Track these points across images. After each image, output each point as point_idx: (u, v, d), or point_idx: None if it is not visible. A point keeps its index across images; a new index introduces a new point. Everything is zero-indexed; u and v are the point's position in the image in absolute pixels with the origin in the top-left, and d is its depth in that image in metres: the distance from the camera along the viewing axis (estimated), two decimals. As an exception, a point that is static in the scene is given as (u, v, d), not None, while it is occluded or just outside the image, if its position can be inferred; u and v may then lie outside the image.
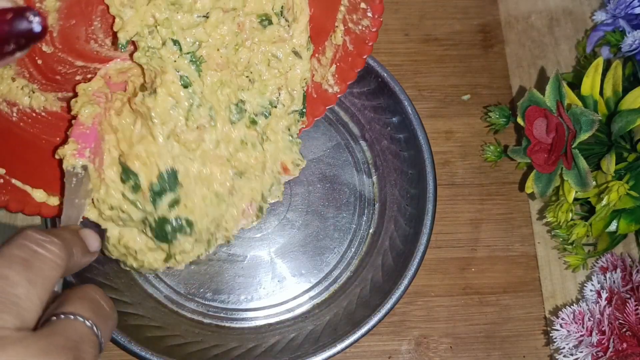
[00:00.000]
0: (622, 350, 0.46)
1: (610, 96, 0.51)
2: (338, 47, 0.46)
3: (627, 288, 0.49)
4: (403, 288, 0.46)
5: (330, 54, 0.46)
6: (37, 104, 0.42)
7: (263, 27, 0.44)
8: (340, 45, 0.45)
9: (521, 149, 0.53)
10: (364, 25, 0.43)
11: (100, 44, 0.42)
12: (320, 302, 0.52)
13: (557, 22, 0.63)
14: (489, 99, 0.60)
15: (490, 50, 0.62)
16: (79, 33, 0.41)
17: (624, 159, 0.49)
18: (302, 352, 0.46)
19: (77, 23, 0.40)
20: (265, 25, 0.44)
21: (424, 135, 0.50)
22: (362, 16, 0.43)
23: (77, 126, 0.42)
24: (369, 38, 0.43)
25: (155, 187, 0.42)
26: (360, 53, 0.44)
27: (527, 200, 0.58)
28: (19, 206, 0.41)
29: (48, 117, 0.43)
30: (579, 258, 0.53)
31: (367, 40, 0.44)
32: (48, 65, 0.41)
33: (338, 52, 0.46)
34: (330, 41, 0.46)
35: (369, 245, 0.53)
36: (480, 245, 0.56)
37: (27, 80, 0.40)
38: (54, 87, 0.42)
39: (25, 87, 0.40)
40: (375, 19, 0.42)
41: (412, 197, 0.51)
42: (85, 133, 0.41)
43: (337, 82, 0.47)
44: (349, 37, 0.45)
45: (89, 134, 0.41)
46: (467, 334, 0.54)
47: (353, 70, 0.46)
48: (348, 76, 0.46)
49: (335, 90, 0.47)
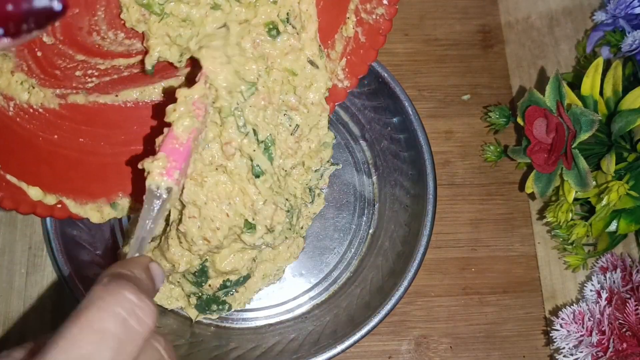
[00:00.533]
0: (622, 350, 0.46)
1: (610, 96, 0.51)
2: (349, 40, 0.44)
3: (627, 288, 0.49)
4: (403, 288, 0.46)
5: (341, 47, 0.44)
6: (35, 100, 0.40)
7: (273, 39, 0.43)
8: (352, 38, 0.43)
9: (521, 149, 0.53)
10: (379, 14, 0.41)
11: (102, 37, 0.41)
12: (320, 302, 0.52)
13: (557, 22, 0.63)
14: (489, 99, 0.60)
15: (490, 50, 0.62)
16: (82, 23, 0.39)
17: (624, 159, 0.49)
18: (302, 352, 0.46)
19: (81, 12, 0.39)
20: (274, 35, 0.42)
21: (424, 135, 0.50)
22: (377, 4, 0.41)
23: (170, 139, 0.36)
24: (383, 28, 0.41)
25: (226, 284, 0.47)
26: (374, 45, 0.43)
27: (527, 200, 0.58)
28: (13, 204, 0.39)
29: (46, 114, 0.41)
30: (579, 258, 0.53)
31: (380, 31, 0.42)
32: (48, 58, 0.40)
33: (349, 44, 0.44)
34: (340, 34, 0.44)
35: (368, 246, 0.53)
36: (480, 245, 0.56)
37: (25, 75, 0.39)
38: (53, 82, 0.41)
39: (25, 82, 0.39)
40: (391, 6, 0.40)
41: (412, 197, 0.51)
42: (177, 150, 0.36)
43: (347, 76, 0.45)
44: (361, 28, 0.42)
45: (182, 152, 0.37)
46: (467, 334, 0.54)
47: (365, 64, 0.44)
48: (359, 70, 0.44)
49: (345, 85, 0.45)
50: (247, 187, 0.44)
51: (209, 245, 0.45)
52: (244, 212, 0.45)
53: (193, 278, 0.46)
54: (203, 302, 0.48)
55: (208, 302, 0.48)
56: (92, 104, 0.44)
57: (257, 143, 0.43)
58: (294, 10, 0.42)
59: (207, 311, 0.48)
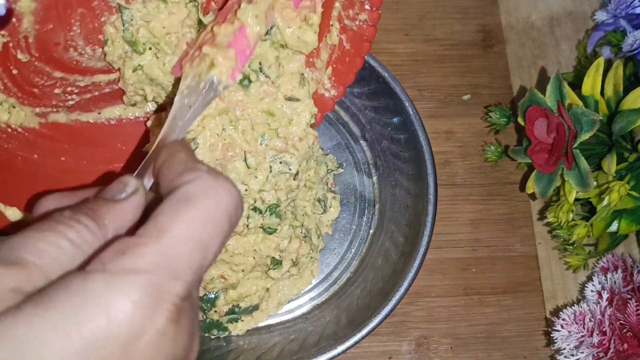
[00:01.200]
0: (623, 350, 0.46)
1: (611, 96, 0.51)
2: (334, 48, 0.43)
3: (628, 288, 0.49)
4: (403, 289, 0.46)
5: (326, 56, 0.43)
6: (15, 120, 0.39)
7: (245, 88, 0.40)
8: (337, 45, 0.42)
9: (522, 149, 0.53)
10: (362, 20, 0.41)
11: (80, 53, 0.39)
12: (320, 303, 0.52)
13: (558, 22, 0.63)
14: (489, 99, 0.60)
15: (490, 50, 0.62)
16: (58, 39, 0.38)
17: (624, 159, 0.49)
18: (302, 353, 0.46)
19: (55, 28, 0.37)
20: (246, 85, 0.40)
21: (424, 135, 0.50)
22: (359, 10, 0.40)
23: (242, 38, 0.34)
24: (368, 34, 0.41)
25: (234, 310, 0.47)
26: (359, 52, 0.42)
27: (527, 201, 0.57)
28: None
29: (25, 133, 0.40)
30: (579, 258, 0.53)
31: (365, 37, 0.41)
32: (24, 76, 0.38)
33: (334, 52, 0.43)
34: (325, 42, 0.43)
35: (369, 246, 0.53)
36: (481, 246, 0.56)
37: (3, 94, 0.38)
38: (32, 101, 0.39)
39: (5, 102, 0.38)
40: (373, 11, 0.40)
41: (413, 197, 0.51)
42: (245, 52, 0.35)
43: (334, 85, 0.44)
44: (345, 35, 0.42)
45: (247, 55, 0.35)
46: (467, 334, 0.53)
47: (351, 72, 0.43)
48: (346, 78, 0.43)
49: (332, 94, 0.44)
50: (268, 238, 0.46)
51: (225, 282, 0.46)
52: (270, 253, 0.46)
53: (200, 304, 0.47)
54: (205, 325, 0.48)
55: (210, 326, 0.48)
56: (74, 122, 0.42)
57: (262, 217, 0.43)
58: (268, 60, 0.40)
59: (206, 333, 0.48)
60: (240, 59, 0.34)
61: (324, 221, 0.52)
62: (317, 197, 0.50)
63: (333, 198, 0.52)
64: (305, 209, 0.48)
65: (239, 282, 0.46)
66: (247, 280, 0.47)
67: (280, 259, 0.47)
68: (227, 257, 0.45)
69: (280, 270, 0.47)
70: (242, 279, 0.46)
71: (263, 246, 0.45)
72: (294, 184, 0.43)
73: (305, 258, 0.49)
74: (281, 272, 0.47)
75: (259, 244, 0.45)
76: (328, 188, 0.53)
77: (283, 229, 0.45)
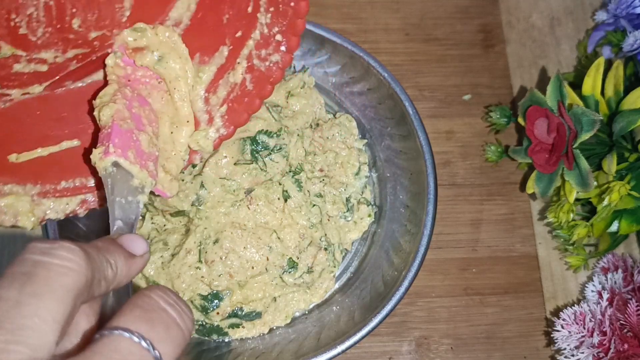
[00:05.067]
0: (623, 351, 0.46)
1: (611, 96, 0.51)
2: (235, 86, 0.41)
3: (629, 289, 0.49)
4: (404, 289, 0.46)
5: (224, 93, 0.41)
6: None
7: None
8: (238, 84, 0.40)
9: (522, 149, 0.53)
10: (272, 62, 0.39)
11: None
12: (320, 303, 0.52)
13: (558, 21, 0.63)
14: (489, 99, 0.60)
15: (491, 50, 0.62)
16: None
17: (625, 159, 0.49)
18: (302, 353, 0.46)
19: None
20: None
21: (424, 135, 0.50)
22: (273, 51, 0.39)
23: (100, 133, 0.39)
24: (275, 77, 0.39)
25: (237, 313, 0.47)
26: (260, 94, 0.40)
27: (528, 201, 0.57)
28: None
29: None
30: (580, 258, 0.53)
31: (271, 79, 0.39)
32: None
33: (234, 91, 0.41)
34: (226, 79, 0.41)
35: (369, 246, 0.53)
36: (481, 246, 0.56)
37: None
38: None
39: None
40: (287, 54, 0.38)
41: (413, 197, 0.51)
42: (107, 134, 0.38)
43: (225, 124, 0.41)
44: (250, 75, 0.40)
45: (110, 132, 0.38)
46: (467, 334, 0.53)
47: (247, 113, 0.41)
48: (239, 119, 0.41)
49: (221, 134, 0.42)
50: (295, 217, 0.47)
51: (230, 280, 0.46)
52: (286, 252, 0.47)
53: (202, 302, 0.46)
54: (205, 329, 0.48)
55: (210, 331, 0.48)
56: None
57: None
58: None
59: (206, 337, 0.48)
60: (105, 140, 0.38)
61: (346, 239, 0.52)
62: (344, 196, 0.51)
63: (358, 203, 0.53)
64: (326, 205, 0.50)
65: (247, 281, 0.46)
66: (255, 283, 0.47)
67: (298, 260, 0.47)
68: (240, 249, 0.45)
69: (294, 273, 0.47)
70: (249, 278, 0.46)
71: (281, 244, 0.46)
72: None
73: (321, 268, 0.49)
74: (294, 277, 0.47)
75: (276, 241, 0.46)
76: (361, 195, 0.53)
77: (297, 197, 0.46)
